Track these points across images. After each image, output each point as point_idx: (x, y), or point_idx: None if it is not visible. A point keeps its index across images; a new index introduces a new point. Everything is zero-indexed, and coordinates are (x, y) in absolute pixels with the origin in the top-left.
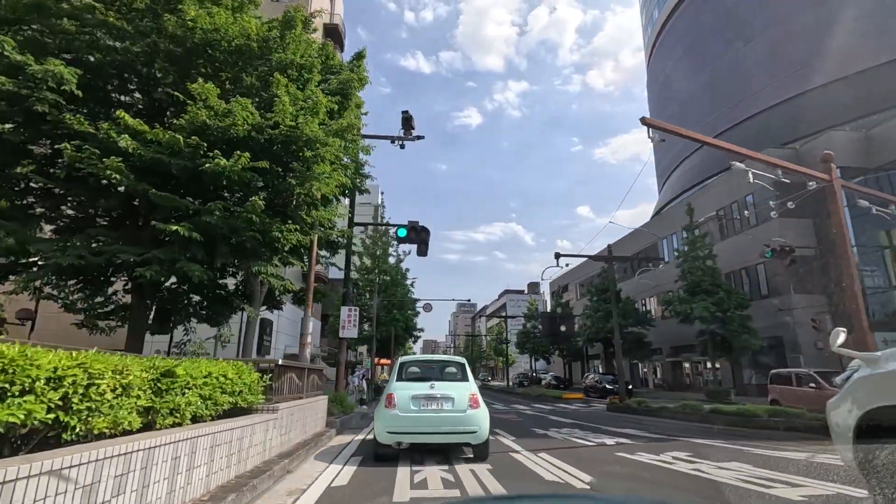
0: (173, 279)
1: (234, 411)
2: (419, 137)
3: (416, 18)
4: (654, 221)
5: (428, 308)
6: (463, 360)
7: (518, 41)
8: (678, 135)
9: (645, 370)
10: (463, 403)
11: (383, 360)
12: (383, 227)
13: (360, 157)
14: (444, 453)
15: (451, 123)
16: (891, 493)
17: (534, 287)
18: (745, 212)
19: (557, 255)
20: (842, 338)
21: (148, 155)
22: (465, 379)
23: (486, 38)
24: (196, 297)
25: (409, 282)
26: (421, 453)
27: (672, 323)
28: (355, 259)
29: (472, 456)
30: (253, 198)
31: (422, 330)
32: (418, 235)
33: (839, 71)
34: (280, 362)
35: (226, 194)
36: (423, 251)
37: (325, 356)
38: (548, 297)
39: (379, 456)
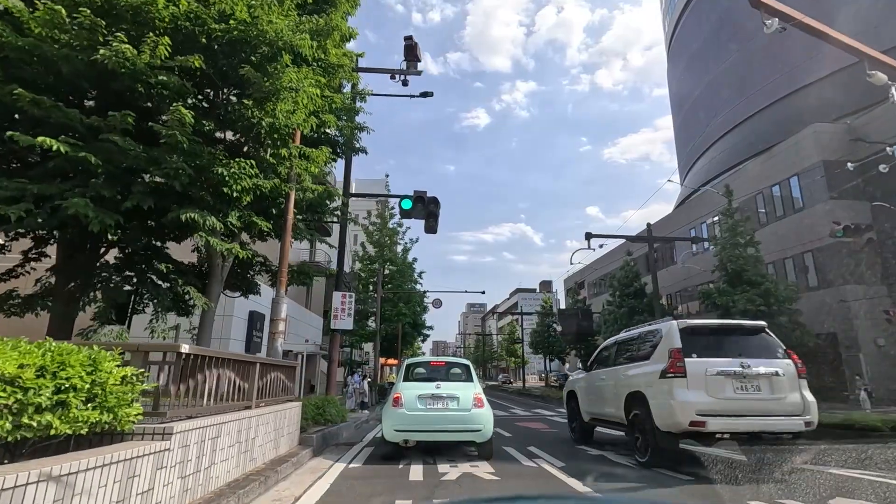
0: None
1: (44, 444)
2: (427, 94)
3: (424, 20)
4: (677, 213)
5: (437, 304)
6: (468, 361)
7: (525, 41)
8: (801, 26)
9: None
10: (467, 403)
11: (390, 361)
12: (388, 209)
13: (355, 104)
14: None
15: (459, 124)
16: (571, 420)
17: (546, 286)
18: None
19: (589, 235)
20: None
21: (17, 42)
22: (469, 380)
23: (493, 38)
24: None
25: (416, 273)
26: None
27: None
28: (357, 248)
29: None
30: (176, 104)
31: (431, 328)
32: (426, 207)
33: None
34: (186, 349)
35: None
36: (432, 226)
37: (325, 354)
38: (561, 296)
39: (386, 455)
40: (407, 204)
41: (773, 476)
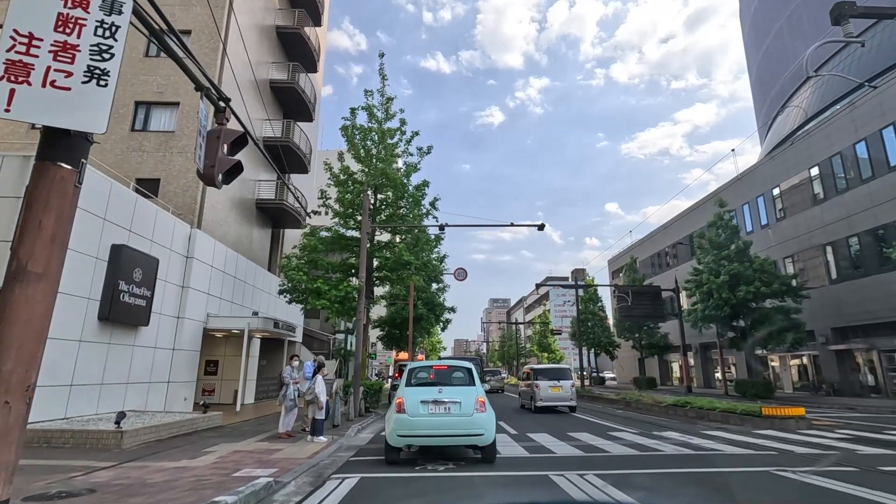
0: None
1: None
2: None
3: (435, 19)
4: (764, 167)
5: (461, 275)
6: (471, 364)
7: (538, 37)
8: None
9: (773, 363)
10: (469, 407)
11: (402, 355)
12: (386, 100)
13: None
14: None
15: (474, 123)
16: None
17: (579, 273)
18: None
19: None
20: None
21: None
22: (472, 383)
23: (505, 35)
24: None
25: (426, 201)
26: None
27: (829, 293)
28: (333, 162)
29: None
30: None
31: (452, 310)
32: None
33: None
34: None
35: None
36: None
37: (291, 337)
38: (605, 278)
39: (389, 459)
40: None
41: None
